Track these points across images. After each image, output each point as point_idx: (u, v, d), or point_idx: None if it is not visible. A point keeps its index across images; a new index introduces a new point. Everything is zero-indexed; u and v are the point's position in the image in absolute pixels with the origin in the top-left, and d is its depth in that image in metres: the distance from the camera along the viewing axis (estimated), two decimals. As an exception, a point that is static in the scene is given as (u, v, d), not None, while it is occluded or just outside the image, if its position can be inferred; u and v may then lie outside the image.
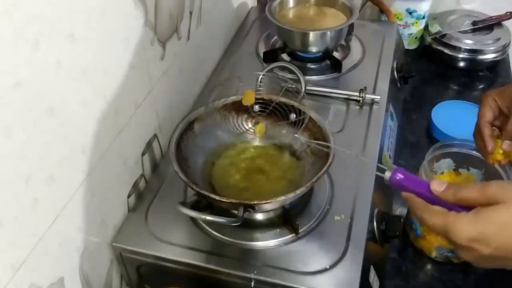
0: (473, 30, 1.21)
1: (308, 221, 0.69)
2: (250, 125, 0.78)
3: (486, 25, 1.22)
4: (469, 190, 0.49)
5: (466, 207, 0.49)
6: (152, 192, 0.76)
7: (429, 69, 1.21)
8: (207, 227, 0.69)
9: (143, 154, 0.77)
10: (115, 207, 0.71)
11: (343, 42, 1.04)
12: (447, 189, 0.50)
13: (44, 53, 0.50)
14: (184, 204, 0.63)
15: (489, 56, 1.17)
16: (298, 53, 1.02)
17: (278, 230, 0.68)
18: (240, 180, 0.72)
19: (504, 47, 1.18)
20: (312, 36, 0.96)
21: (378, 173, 0.55)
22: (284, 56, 1.03)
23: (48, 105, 0.53)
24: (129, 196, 0.74)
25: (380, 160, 0.80)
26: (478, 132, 0.71)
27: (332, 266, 0.63)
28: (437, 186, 0.51)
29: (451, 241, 0.48)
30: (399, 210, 0.86)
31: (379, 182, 0.77)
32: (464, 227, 0.47)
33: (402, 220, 0.75)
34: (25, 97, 0.49)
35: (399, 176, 0.53)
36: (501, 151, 0.68)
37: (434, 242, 0.77)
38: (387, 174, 0.54)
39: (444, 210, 0.49)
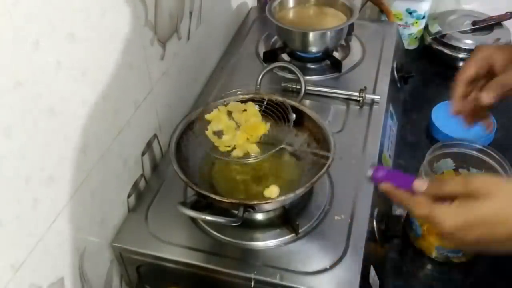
0: (473, 30, 1.21)
1: (308, 221, 0.69)
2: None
3: (486, 25, 1.21)
4: (452, 185, 0.50)
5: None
6: (152, 192, 0.76)
7: (429, 69, 1.21)
8: (207, 227, 0.69)
9: (143, 154, 0.77)
10: (115, 207, 0.71)
11: (343, 42, 1.04)
12: (429, 188, 0.52)
13: (44, 53, 0.50)
14: (184, 204, 0.63)
15: (489, 56, 1.17)
16: (298, 53, 1.02)
17: (278, 230, 0.68)
18: (240, 180, 0.72)
19: (504, 47, 1.18)
20: (312, 36, 0.96)
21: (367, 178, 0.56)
22: (284, 56, 1.03)
23: (48, 105, 0.53)
24: (129, 196, 0.74)
25: (380, 160, 0.80)
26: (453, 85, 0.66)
27: (332, 266, 0.63)
28: (420, 186, 0.52)
29: (436, 229, 0.50)
30: (399, 210, 0.86)
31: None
32: (449, 217, 0.49)
33: (402, 220, 0.75)
34: (25, 97, 0.49)
35: (381, 173, 0.55)
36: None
37: (434, 242, 0.77)
38: (369, 172, 0.55)
39: (428, 201, 0.51)
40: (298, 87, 0.87)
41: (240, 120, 0.73)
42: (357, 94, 0.89)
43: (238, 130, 0.72)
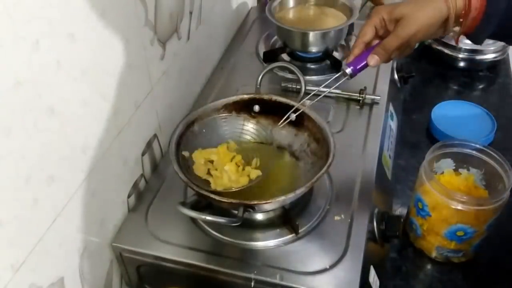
0: (473, 30, 1.21)
1: (308, 221, 0.69)
2: (250, 125, 0.78)
3: (486, 25, 1.21)
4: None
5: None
6: (152, 192, 0.76)
7: (429, 69, 1.21)
8: (207, 227, 0.69)
9: (143, 154, 0.77)
10: (115, 207, 0.71)
11: (343, 42, 1.04)
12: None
13: (44, 53, 0.50)
14: (184, 204, 0.63)
15: (489, 56, 1.17)
16: (298, 53, 1.02)
17: (278, 230, 0.68)
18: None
19: (504, 47, 1.18)
20: (312, 36, 0.96)
21: (344, 77, 0.70)
22: (284, 56, 1.03)
23: (48, 105, 0.53)
24: (129, 196, 0.74)
25: (380, 160, 0.80)
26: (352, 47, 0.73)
27: (332, 266, 0.63)
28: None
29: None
30: (399, 210, 0.86)
31: (379, 182, 0.77)
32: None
33: (402, 220, 0.75)
34: (25, 97, 0.49)
35: (352, 67, 0.69)
36: None
37: (434, 242, 0.77)
38: (348, 71, 0.69)
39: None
40: (298, 87, 0.87)
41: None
42: (357, 94, 0.89)
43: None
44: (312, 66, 1.01)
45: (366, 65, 0.68)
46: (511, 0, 0.61)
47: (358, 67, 0.69)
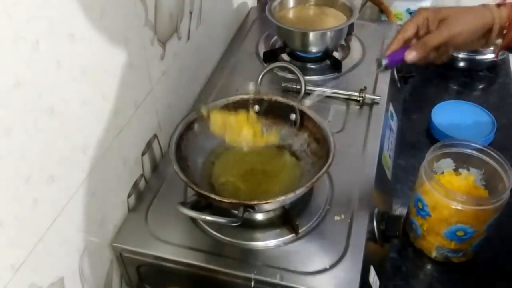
0: (473, 30, 1.21)
1: (308, 221, 0.69)
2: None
3: (486, 25, 1.21)
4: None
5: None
6: (152, 192, 0.76)
7: (429, 69, 1.21)
8: (207, 227, 0.69)
9: (143, 154, 0.77)
10: (115, 207, 0.71)
11: (343, 42, 1.04)
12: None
13: (44, 53, 0.50)
14: (184, 204, 0.63)
15: (489, 56, 1.17)
16: (298, 53, 1.02)
17: (278, 230, 0.68)
18: (240, 180, 0.72)
19: (504, 47, 1.18)
20: (312, 36, 0.96)
21: (378, 68, 0.71)
22: (284, 56, 1.03)
23: (48, 105, 0.53)
24: (129, 196, 0.74)
25: (380, 160, 0.80)
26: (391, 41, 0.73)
27: (332, 266, 0.63)
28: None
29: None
30: (399, 210, 0.86)
31: (379, 182, 0.77)
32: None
33: (402, 220, 0.75)
34: (25, 97, 0.49)
35: (389, 59, 0.70)
36: None
37: (434, 242, 0.77)
38: (384, 62, 0.70)
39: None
40: (298, 87, 0.87)
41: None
42: (357, 94, 0.89)
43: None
44: (312, 66, 1.01)
45: (402, 60, 0.68)
46: None
47: (394, 59, 0.69)
